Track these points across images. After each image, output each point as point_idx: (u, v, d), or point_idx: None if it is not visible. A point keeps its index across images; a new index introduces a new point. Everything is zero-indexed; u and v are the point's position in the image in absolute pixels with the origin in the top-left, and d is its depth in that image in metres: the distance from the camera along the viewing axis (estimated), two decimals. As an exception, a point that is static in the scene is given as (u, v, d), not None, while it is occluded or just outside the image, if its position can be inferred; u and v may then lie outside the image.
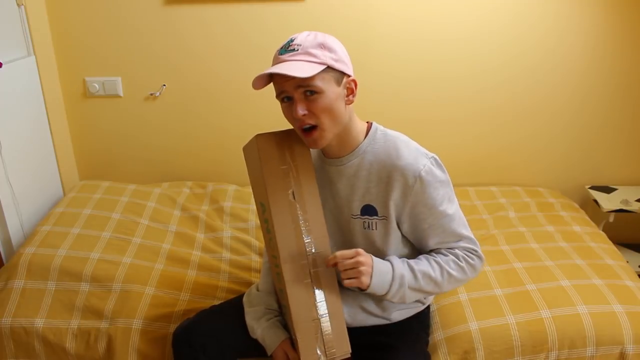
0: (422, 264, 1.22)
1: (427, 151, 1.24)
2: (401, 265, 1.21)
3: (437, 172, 1.21)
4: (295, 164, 1.23)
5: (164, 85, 2.26)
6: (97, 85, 2.24)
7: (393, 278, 1.18)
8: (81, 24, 2.15)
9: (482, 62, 2.21)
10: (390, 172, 1.21)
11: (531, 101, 2.27)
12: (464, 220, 1.27)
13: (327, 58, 1.13)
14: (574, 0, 2.11)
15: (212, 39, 2.18)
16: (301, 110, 1.14)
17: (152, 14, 2.14)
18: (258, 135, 1.22)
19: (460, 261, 1.23)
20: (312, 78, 1.11)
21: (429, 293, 1.25)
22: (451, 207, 1.23)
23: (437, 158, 1.23)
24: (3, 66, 1.83)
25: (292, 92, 1.14)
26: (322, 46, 1.14)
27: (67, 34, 2.17)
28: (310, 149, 1.29)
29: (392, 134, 1.26)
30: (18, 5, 1.95)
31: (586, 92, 2.25)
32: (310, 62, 1.12)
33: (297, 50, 1.14)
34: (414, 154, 1.21)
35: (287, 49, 1.15)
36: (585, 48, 2.18)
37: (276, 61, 1.17)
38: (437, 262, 1.22)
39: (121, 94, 2.27)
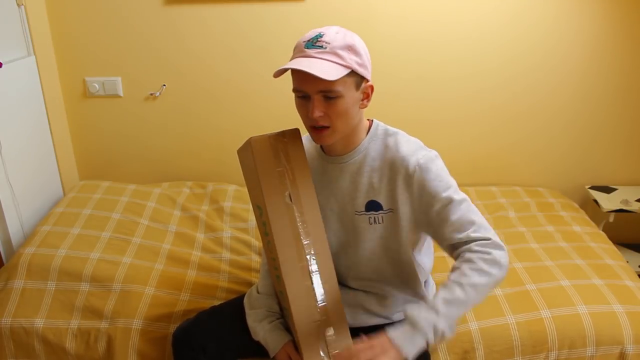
0: (440, 294, 1.09)
1: (427, 147, 1.24)
2: (421, 313, 1.06)
3: (438, 161, 1.21)
4: (290, 166, 1.23)
5: (164, 85, 2.26)
6: (97, 85, 2.24)
7: (421, 332, 1.05)
8: (81, 24, 2.15)
9: (482, 62, 2.21)
10: (391, 165, 1.21)
11: (531, 101, 2.27)
12: (474, 208, 1.18)
13: (353, 62, 1.12)
14: (574, 0, 2.11)
15: (212, 39, 2.18)
16: (318, 112, 1.13)
17: (152, 14, 2.14)
18: (252, 138, 1.21)
19: (476, 263, 1.09)
20: (334, 82, 1.09)
21: (466, 310, 1.10)
22: (457, 194, 1.17)
23: (438, 154, 1.23)
24: (3, 66, 1.83)
25: (312, 93, 1.13)
26: (350, 48, 1.12)
27: (67, 34, 2.17)
28: (309, 149, 1.29)
29: (392, 130, 1.27)
30: (18, 5, 1.95)
31: (586, 92, 2.26)
32: (336, 63, 1.11)
33: (325, 48, 1.11)
34: (414, 146, 1.22)
35: (315, 44, 1.13)
36: (585, 48, 2.18)
37: (301, 53, 1.14)
38: (455, 282, 1.08)
39: (121, 94, 2.27)
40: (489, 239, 1.13)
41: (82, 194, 2.08)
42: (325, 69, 1.09)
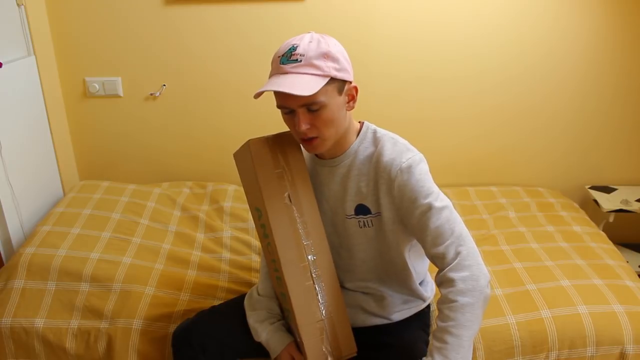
0: (435, 350, 1.09)
1: (415, 150, 1.22)
2: None
3: (421, 166, 1.18)
4: (289, 167, 1.23)
5: (164, 85, 2.26)
6: (97, 85, 2.24)
7: None
8: (81, 24, 2.15)
9: (482, 62, 2.21)
10: (376, 169, 1.20)
11: (531, 101, 2.27)
12: (455, 216, 1.16)
13: (331, 69, 1.11)
14: (574, 0, 2.11)
15: (212, 39, 2.19)
16: (304, 126, 1.13)
17: (152, 14, 2.14)
18: (250, 140, 1.21)
19: (456, 301, 1.08)
20: (315, 94, 1.08)
21: (469, 343, 1.10)
22: (438, 201, 1.15)
23: (424, 158, 1.21)
24: (3, 66, 1.83)
25: (296, 108, 1.12)
26: (326, 56, 1.10)
27: (67, 34, 2.17)
28: (303, 151, 1.29)
29: (381, 132, 1.25)
30: (18, 5, 1.95)
31: (586, 92, 2.26)
32: (313, 75, 1.09)
33: (300, 61, 1.10)
34: (400, 149, 1.20)
35: (290, 58, 1.11)
36: (585, 48, 2.18)
37: (277, 70, 1.13)
38: (443, 330, 1.08)
39: (121, 94, 2.27)
40: (466, 257, 1.11)
41: (82, 194, 2.08)
42: (303, 83, 1.07)
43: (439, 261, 1.15)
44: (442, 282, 1.13)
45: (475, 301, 1.09)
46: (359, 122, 1.29)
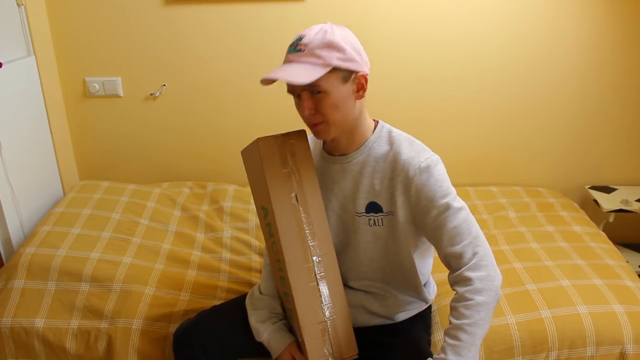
0: (448, 347, 1.09)
1: (431, 150, 1.24)
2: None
3: (439, 167, 1.20)
4: (297, 166, 1.23)
5: (164, 85, 2.26)
6: (97, 85, 2.24)
7: None
8: (81, 24, 2.15)
9: (482, 62, 2.21)
10: (392, 167, 1.21)
11: (531, 101, 2.28)
12: (471, 218, 1.18)
13: (334, 59, 1.12)
14: (574, 0, 2.11)
15: (212, 39, 2.19)
16: (307, 110, 1.16)
17: (152, 14, 2.14)
18: (259, 139, 1.21)
19: (472, 299, 1.10)
20: (316, 80, 1.11)
21: (479, 342, 1.12)
22: (456, 202, 1.17)
23: (440, 159, 1.23)
24: (3, 66, 1.83)
25: (300, 91, 1.15)
26: (330, 46, 1.12)
27: (67, 34, 2.17)
28: (312, 150, 1.29)
29: (397, 132, 1.27)
30: (18, 5, 1.95)
31: (586, 92, 2.26)
32: (313, 64, 1.12)
33: (304, 51, 1.13)
34: (417, 148, 1.22)
35: (296, 47, 1.15)
36: (585, 48, 2.18)
37: (285, 59, 1.18)
38: (457, 327, 1.10)
39: (121, 94, 2.27)
40: (482, 257, 1.14)
41: (82, 194, 2.08)
42: (300, 71, 1.11)
43: (454, 260, 1.16)
44: (458, 280, 1.14)
45: (490, 301, 1.11)
46: (374, 120, 1.30)
